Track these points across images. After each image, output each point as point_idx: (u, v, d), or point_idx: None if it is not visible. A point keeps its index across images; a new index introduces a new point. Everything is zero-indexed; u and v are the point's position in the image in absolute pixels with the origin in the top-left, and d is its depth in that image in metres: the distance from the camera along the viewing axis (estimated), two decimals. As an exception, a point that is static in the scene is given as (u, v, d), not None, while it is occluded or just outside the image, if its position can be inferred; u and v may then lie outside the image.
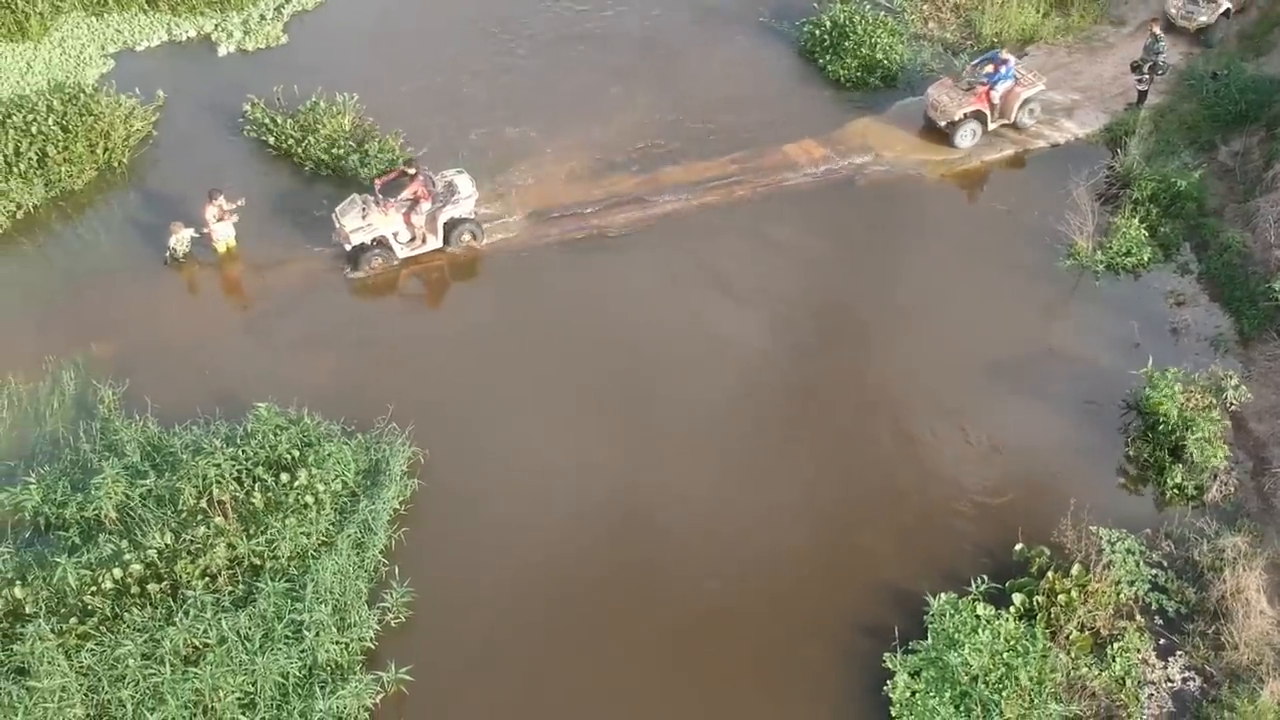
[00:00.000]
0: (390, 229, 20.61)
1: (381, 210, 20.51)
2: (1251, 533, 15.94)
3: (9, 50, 26.21)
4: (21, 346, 19.26)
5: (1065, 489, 16.65)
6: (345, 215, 20.54)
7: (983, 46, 25.37)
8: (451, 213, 20.86)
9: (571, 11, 27.93)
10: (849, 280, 20.77)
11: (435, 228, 20.83)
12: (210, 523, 15.71)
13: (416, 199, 20.65)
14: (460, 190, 21.01)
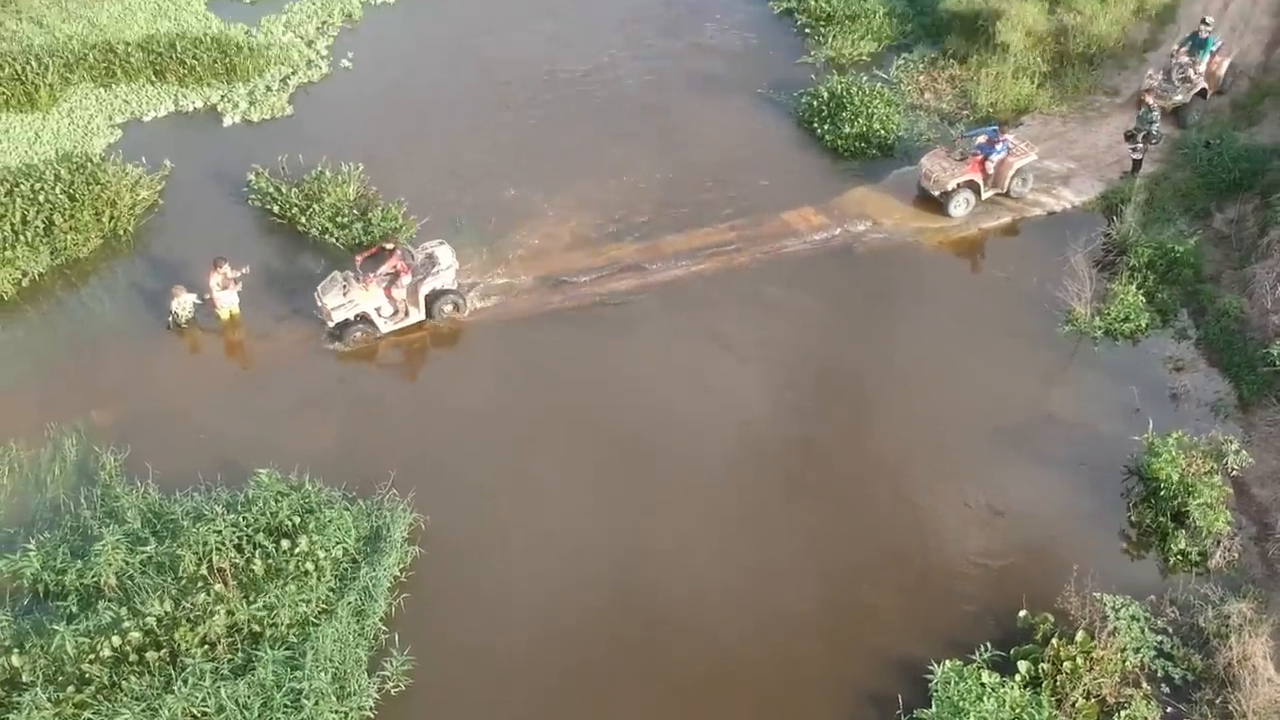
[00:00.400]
0: (372, 304, 20.74)
1: (362, 286, 20.65)
2: (1257, 599, 15.84)
3: (18, 121, 26.59)
4: (24, 413, 19.32)
5: (1068, 554, 16.58)
6: (327, 293, 20.68)
7: (979, 117, 25.76)
8: (433, 284, 20.98)
9: (572, 79, 28.40)
10: (849, 345, 20.87)
11: (417, 300, 20.96)
12: (210, 590, 15.62)
13: (396, 273, 20.81)
14: (440, 262, 21.14)
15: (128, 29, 29.78)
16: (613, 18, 30.99)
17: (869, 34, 28.84)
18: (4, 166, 24.60)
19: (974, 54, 27.32)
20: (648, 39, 29.93)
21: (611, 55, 29.28)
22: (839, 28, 28.97)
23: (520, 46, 29.59)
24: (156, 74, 28.29)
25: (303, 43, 29.74)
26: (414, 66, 29.00)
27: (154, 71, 28.28)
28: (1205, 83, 25.21)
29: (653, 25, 30.49)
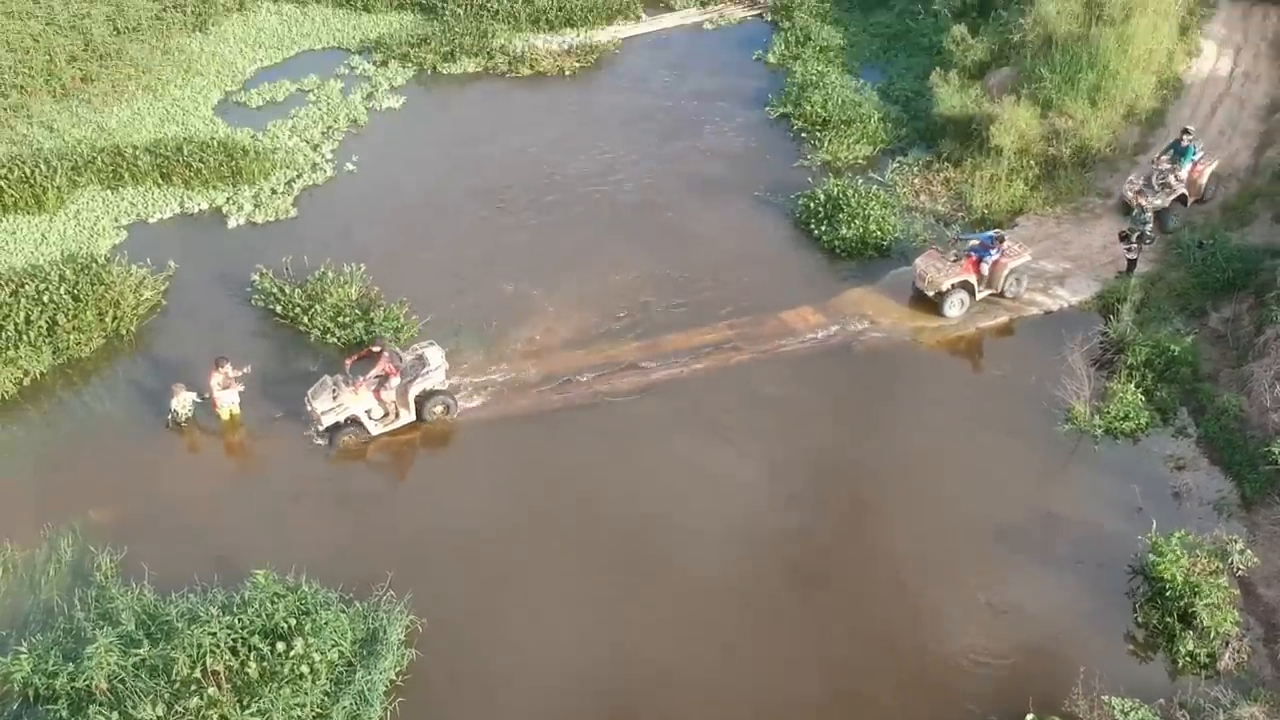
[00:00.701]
0: (361, 407, 20.79)
1: (352, 389, 20.72)
2: (1269, 702, 15.59)
3: (25, 222, 26.97)
4: (21, 512, 19.25)
5: (1073, 654, 16.41)
6: (316, 398, 20.76)
7: (973, 219, 26.13)
8: (422, 385, 21.04)
9: (572, 180, 28.89)
10: (850, 443, 20.86)
11: (407, 402, 21.01)
12: (204, 694, 15.35)
13: (385, 375, 20.88)
14: (430, 363, 21.23)
15: (136, 133, 30.38)
16: (613, 121, 31.62)
17: (864, 138, 29.39)
18: (10, 267, 24.89)
19: (968, 157, 27.82)
20: (648, 142, 30.52)
21: (612, 157, 29.82)
22: (834, 132, 29.52)
23: (522, 149, 30.18)
24: (163, 176, 28.73)
25: (308, 147, 30.26)
26: (417, 169, 29.49)
27: (160, 174, 28.73)
28: (1186, 189, 25.52)
29: (652, 129, 31.11)
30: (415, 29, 36.20)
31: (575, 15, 36.67)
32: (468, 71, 34.36)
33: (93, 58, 33.61)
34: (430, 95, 33.34)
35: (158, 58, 34.26)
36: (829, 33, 34.64)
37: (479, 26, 35.72)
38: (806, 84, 31.46)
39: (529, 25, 36.49)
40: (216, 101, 32.51)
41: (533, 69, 34.25)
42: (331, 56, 35.12)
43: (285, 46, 35.66)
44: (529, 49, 34.87)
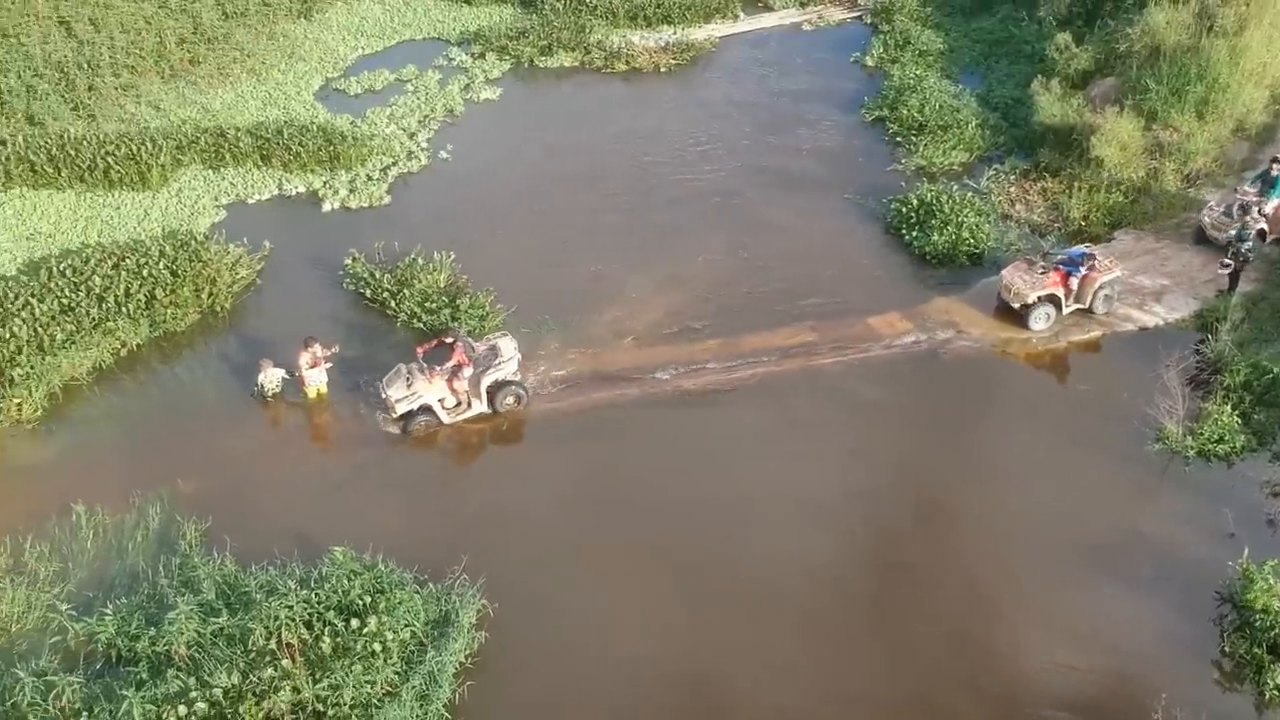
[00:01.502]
0: (435, 396, 20.97)
1: (426, 378, 20.91)
2: (1357, 741, 15.03)
3: (130, 198, 27.77)
4: (112, 480, 19.77)
5: (1155, 680, 15.96)
6: (390, 386, 20.99)
7: (1070, 230, 25.57)
8: (495, 376, 21.15)
9: (664, 171, 29.00)
10: (932, 453, 20.50)
11: (479, 392, 21.15)
12: (278, 665, 15.63)
13: (459, 365, 21.05)
14: (503, 354, 21.34)
15: (239, 115, 31.12)
16: (707, 117, 31.65)
17: (961, 144, 28.96)
18: (113, 241, 25.64)
19: (1067, 167, 27.25)
20: (741, 139, 30.47)
21: (704, 153, 29.85)
22: (930, 137, 29.14)
23: (615, 143, 30.34)
24: (263, 159, 29.36)
25: (405, 135, 30.69)
26: (510, 160, 29.75)
27: (261, 156, 29.36)
28: (1266, 225, 24.25)
29: (746, 126, 31.05)
30: (514, 22, 36.54)
31: (673, 13, 36.72)
32: (564, 66, 34.62)
33: (201, 41, 34.53)
34: (526, 88, 33.63)
35: (263, 42, 35.07)
36: (929, 37, 34.24)
37: (577, 21, 35.94)
38: (904, 88, 31.10)
39: (626, 21, 36.62)
40: (318, 87, 33.18)
41: (628, 65, 34.36)
42: (431, 47, 35.61)
43: (387, 35, 36.26)
44: (625, 45, 35.01)
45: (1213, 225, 24.51)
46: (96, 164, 28.06)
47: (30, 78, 31.99)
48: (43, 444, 21.09)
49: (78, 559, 18.33)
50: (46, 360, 22.17)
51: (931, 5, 36.30)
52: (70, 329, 22.74)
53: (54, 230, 26.63)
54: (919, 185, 26.90)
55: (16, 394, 21.53)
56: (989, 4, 36.09)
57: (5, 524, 18.88)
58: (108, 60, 33.01)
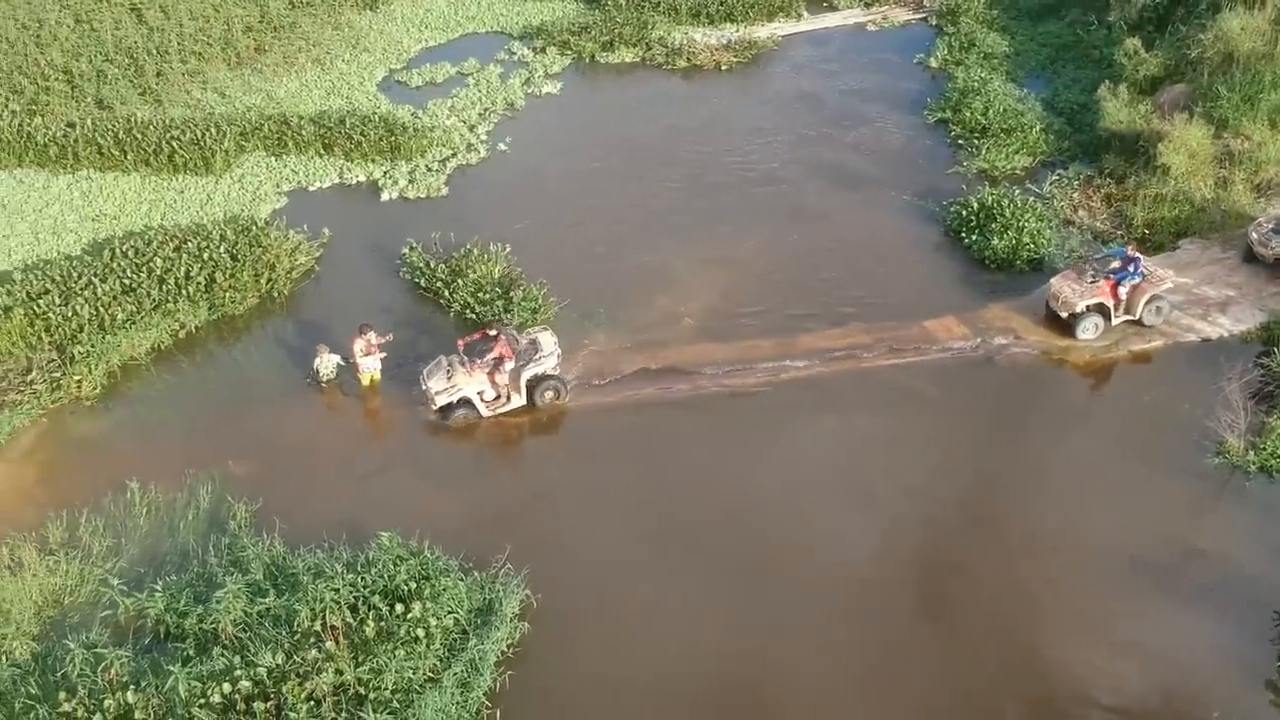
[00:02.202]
0: (475, 389, 21.02)
1: (466, 371, 20.96)
2: None
3: (193, 183, 28.21)
4: (167, 458, 20.08)
5: (1209, 698, 15.59)
6: (431, 378, 21.06)
7: (1134, 237, 25.09)
8: (535, 370, 21.17)
9: (720, 165, 29.00)
10: (987, 461, 20.17)
11: (519, 386, 21.17)
12: (322, 647, 15.76)
13: (500, 359, 21.07)
14: (543, 348, 21.36)
15: (302, 103, 31.49)
16: (767, 112, 31.64)
17: (1024, 148, 28.55)
18: (175, 224, 26.06)
19: (1132, 174, 26.74)
20: (802, 135, 30.40)
21: (763, 146, 29.88)
22: (993, 140, 28.77)
23: (674, 140, 30.35)
24: (325, 147, 29.68)
25: (465, 127, 30.84)
26: (569, 155, 29.82)
27: (323, 145, 29.69)
28: None
29: (807, 125, 30.95)
30: (576, 17, 36.63)
31: (736, 10, 36.62)
32: (625, 61, 34.66)
33: (267, 29, 35.01)
34: (586, 83, 33.72)
35: (328, 32, 35.47)
36: (994, 40, 33.83)
37: (639, 17, 35.95)
38: (968, 90, 30.74)
39: (689, 18, 36.60)
40: (381, 78, 33.47)
41: (689, 62, 34.32)
42: (493, 41, 35.82)
43: (450, 28, 36.54)
44: (687, 42, 34.96)
45: (1259, 242, 23.94)
46: (162, 148, 28.54)
47: (101, 63, 32.64)
48: (100, 421, 21.47)
49: (130, 535, 18.63)
50: (107, 339, 22.59)
51: (998, 8, 35.88)
52: (131, 309, 23.15)
53: (119, 212, 27.12)
54: (980, 188, 26.58)
55: (77, 371, 21.95)
56: (1057, 8, 35.57)
57: (62, 498, 19.25)
58: (176, 47, 33.57)
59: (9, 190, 28.01)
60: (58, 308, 22.88)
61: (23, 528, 18.60)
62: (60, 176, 28.55)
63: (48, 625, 16.95)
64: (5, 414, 21.02)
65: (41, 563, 17.77)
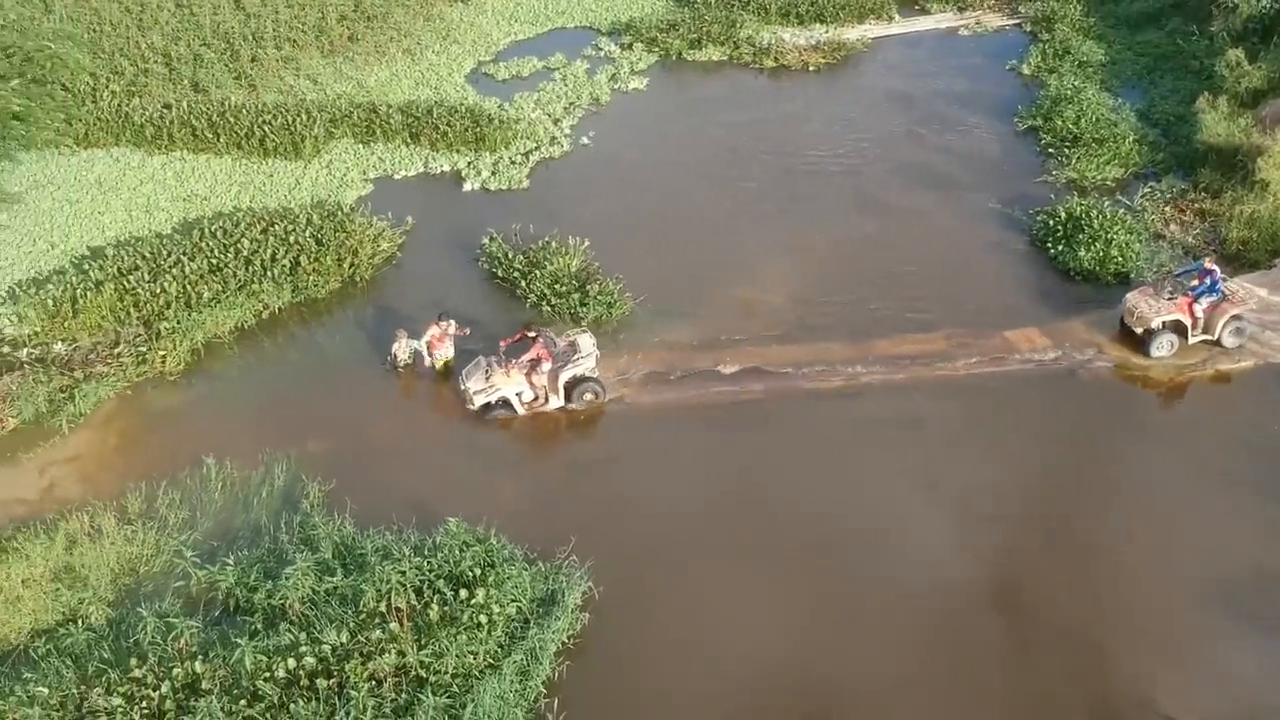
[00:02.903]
0: (513, 389, 21.09)
1: (504, 371, 21.04)
2: None
3: (283, 167, 28.72)
4: (244, 435, 20.43)
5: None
6: (470, 377, 21.18)
7: (1226, 253, 24.41)
8: (573, 371, 21.18)
9: (805, 165, 28.88)
10: (1066, 478, 19.63)
11: (556, 387, 21.22)
12: (385, 628, 15.94)
13: (538, 359, 21.12)
14: (582, 349, 21.37)
15: (391, 93, 31.93)
16: (854, 114, 31.46)
17: (1116, 159, 27.93)
18: (264, 207, 26.56)
19: (1229, 189, 26.01)
20: (890, 134, 30.23)
21: (850, 144, 29.75)
22: (1084, 150, 28.19)
23: (761, 134, 30.38)
24: (412, 136, 30.04)
25: (549, 120, 31.00)
26: (652, 151, 29.84)
27: (410, 134, 30.05)
28: None
29: (897, 123, 30.80)
30: (665, 15, 36.61)
31: (826, 11, 36.38)
32: (712, 60, 34.62)
33: (360, 19, 35.54)
34: (672, 80, 33.73)
35: (420, 23, 35.91)
36: (1090, 48, 33.17)
37: (728, 16, 35.87)
38: (1060, 98, 30.17)
39: (778, 18, 36.45)
40: (469, 70, 33.77)
41: (777, 62, 34.17)
42: (580, 36, 36.00)
43: (539, 22, 36.78)
44: (775, 42, 34.81)
45: None
46: (254, 132, 29.13)
47: (199, 47, 33.41)
48: (182, 397, 21.95)
49: (205, 509, 19.00)
50: (192, 316, 23.08)
51: (1095, 15, 35.18)
52: (217, 288, 23.65)
53: (209, 193, 27.72)
54: (1068, 198, 26.02)
55: (162, 347, 22.46)
56: (1156, 17, 34.78)
57: (142, 470, 19.71)
58: (271, 33, 34.23)
59: (106, 168, 28.79)
60: (147, 284, 23.47)
61: (103, 496, 19.08)
62: (155, 156, 29.26)
63: (123, 592, 17.36)
64: (92, 385, 21.60)
65: (120, 531, 18.22)
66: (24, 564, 17.49)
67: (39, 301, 23.27)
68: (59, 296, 23.25)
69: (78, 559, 17.68)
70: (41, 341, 22.80)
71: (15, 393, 21.29)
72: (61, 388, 21.61)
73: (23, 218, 26.47)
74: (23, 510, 19.09)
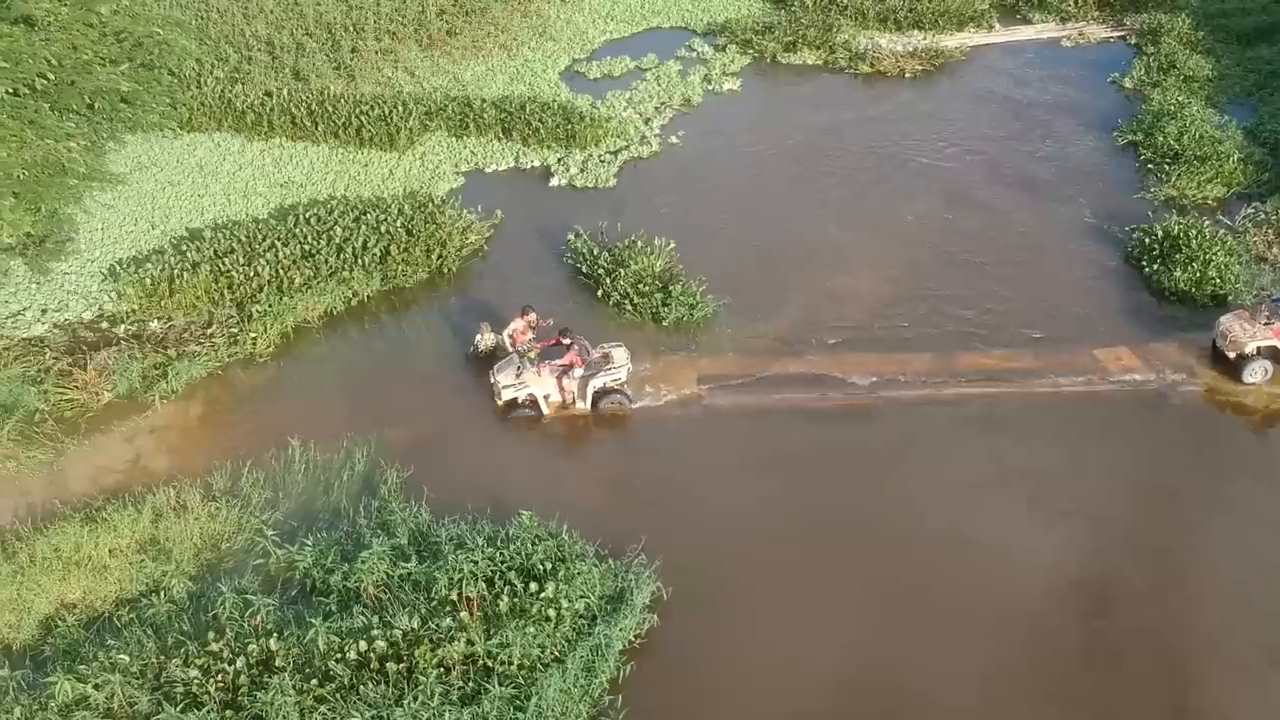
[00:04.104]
0: (542, 390, 21.25)
1: (535, 371, 21.18)
2: None
3: (377, 157, 29.19)
4: (328, 419, 20.87)
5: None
6: (501, 372, 21.37)
7: (1333, 280, 23.66)
8: (603, 381, 21.33)
9: (897, 173, 28.62)
10: (1155, 509, 19.03)
11: (585, 394, 21.35)
12: (456, 616, 16.14)
13: (570, 365, 21.22)
14: (615, 362, 21.50)
15: (486, 88, 32.26)
16: (952, 114, 31.29)
17: (1218, 178, 27.13)
18: (357, 196, 27.02)
19: (1340, 213, 25.16)
20: (986, 143, 29.80)
21: (944, 150, 29.43)
22: (1185, 167, 27.42)
23: (853, 139, 30.16)
24: (504, 131, 30.33)
25: (640, 119, 31.06)
26: (741, 152, 29.73)
27: (503, 129, 30.35)
28: None
29: (993, 132, 30.37)
30: (761, 16, 36.44)
31: (925, 18, 35.86)
32: (806, 63, 34.38)
33: (459, 13, 35.97)
34: (766, 82, 33.57)
35: (517, 19, 36.20)
36: (1197, 62, 32.22)
37: (825, 20, 35.55)
38: (1163, 113, 29.39)
39: (875, 23, 36.02)
40: (563, 67, 33.97)
41: (872, 68, 33.79)
42: (675, 37, 35.96)
43: (635, 21, 36.85)
44: (872, 47, 34.42)
45: None
46: (351, 122, 29.65)
47: (301, 36, 34.14)
48: (270, 378, 22.47)
49: (287, 490, 19.45)
50: (284, 301, 23.61)
51: (1204, 29, 34.13)
52: (309, 274, 24.16)
53: (305, 180, 28.30)
54: (1166, 216, 25.34)
55: (253, 329, 23.01)
56: (1269, 32, 33.63)
57: (228, 448, 20.23)
58: (372, 25, 34.84)
59: (207, 152, 29.54)
60: (241, 267, 24.05)
61: (190, 472, 19.63)
62: (254, 142, 29.95)
63: (204, 567, 17.85)
64: (184, 363, 22.20)
65: (204, 507, 18.73)
66: (112, 534, 18.10)
67: (138, 280, 23.98)
68: (157, 276, 23.94)
69: (163, 532, 18.23)
70: (139, 319, 23.52)
71: (112, 367, 21.97)
72: (155, 365, 22.26)
73: (126, 198, 27.26)
74: (112, 481, 19.74)
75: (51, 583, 17.37)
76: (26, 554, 17.81)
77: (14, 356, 22.22)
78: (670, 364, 22.38)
